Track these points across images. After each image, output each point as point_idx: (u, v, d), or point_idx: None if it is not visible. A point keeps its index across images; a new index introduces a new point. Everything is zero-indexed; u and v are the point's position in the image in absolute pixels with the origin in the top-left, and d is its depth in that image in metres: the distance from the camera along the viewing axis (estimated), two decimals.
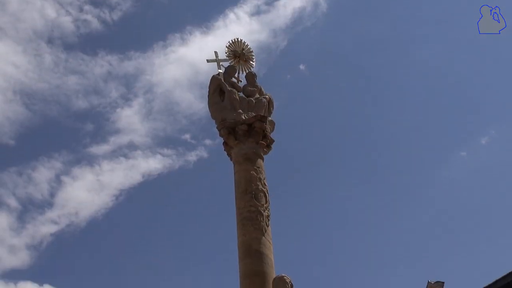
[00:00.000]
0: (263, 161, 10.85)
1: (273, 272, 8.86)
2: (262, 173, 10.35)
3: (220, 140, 11.55)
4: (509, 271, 34.02)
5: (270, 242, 9.23)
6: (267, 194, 10.07)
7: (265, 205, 9.81)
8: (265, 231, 9.36)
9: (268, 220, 9.66)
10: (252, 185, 9.93)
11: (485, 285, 35.87)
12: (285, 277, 8.29)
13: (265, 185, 10.22)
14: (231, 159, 11.10)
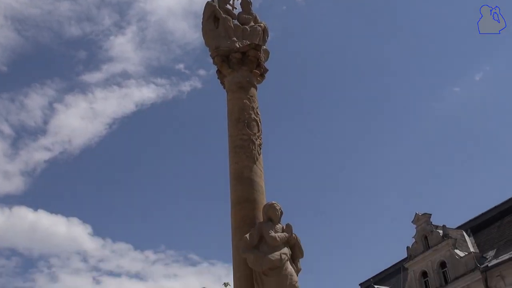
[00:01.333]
0: (256, 90, 10.84)
1: (264, 199, 9.02)
2: (255, 102, 10.36)
3: (214, 70, 11.50)
4: (494, 205, 34.43)
5: (261, 170, 9.34)
6: (259, 123, 10.11)
7: (257, 134, 9.87)
8: (257, 159, 9.45)
9: (260, 148, 9.75)
10: (245, 114, 9.95)
11: (470, 218, 36.44)
12: (275, 204, 8.44)
13: (258, 114, 10.24)
14: (224, 88, 11.08)
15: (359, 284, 44.71)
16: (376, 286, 39.83)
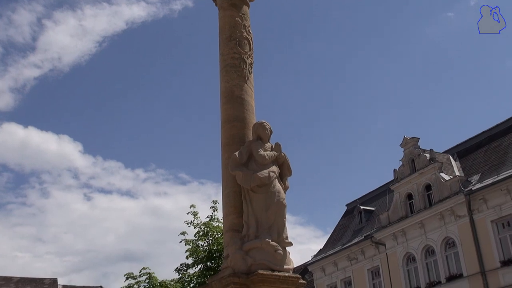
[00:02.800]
0: (248, 8, 10.61)
1: (254, 118, 9.04)
2: (247, 20, 10.16)
3: None
4: (481, 130, 34.61)
5: (252, 89, 9.30)
6: (251, 42, 9.96)
7: (248, 53, 9.75)
8: (248, 78, 9.39)
9: (251, 68, 9.66)
10: (237, 32, 9.79)
11: (457, 143, 36.74)
12: (265, 123, 8.48)
13: (250, 32, 10.08)
14: (216, 5, 10.84)
15: (346, 205, 45.77)
16: (362, 207, 40.80)
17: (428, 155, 33.87)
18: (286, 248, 7.43)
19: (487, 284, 29.30)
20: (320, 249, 43.06)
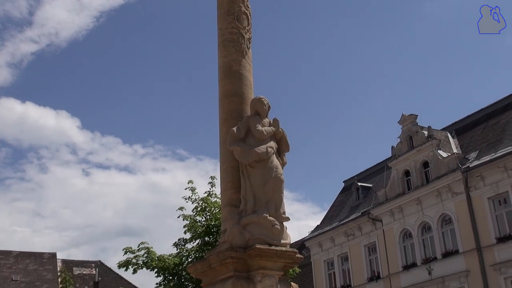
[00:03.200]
0: None
1: (252, 93, 9.01)
2: None
3: None
4: (480, 108, 34.70)
5: (250, 64, 9.25)
6: (249, 17, 9.87)
7: (247, 28, 9.67)
8: (246, 53, 9.33)
9: (250, 42, 9.59)
10: (235, 6, 9.70)
11: (455, 120, 36.88)
12: (263, 99, 8.46)
13: (248, 7, 9.98)
14: None
15: (343, 181, 45.95)
16: (359, 184, 40.98)
17: (426, 132, 33.93)
18: (283, 223, 7.47)
19: (482, 260, 29.57)
20: (317, 225, 43.34)
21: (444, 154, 32.67)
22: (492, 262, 29.17)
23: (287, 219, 7.52)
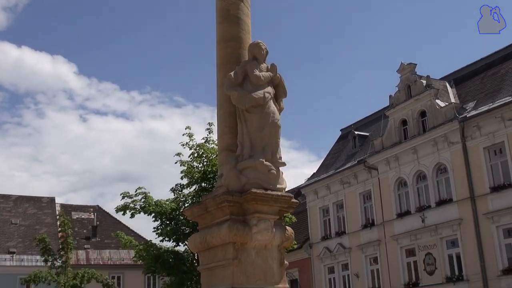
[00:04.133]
0: None
1: (250, 38, 8.90)
2: None
3: None
4: (479, 58, 34.38)
5: (248, 8, 9.08)
6: None
7: None
8: None
9: None
10: None
11: (454, 70, 36.65)
12: (261, 43, 8.36)
13: None
14: None
15: (340, 130, 46.07)
16: (356, 132, 41.09)
17: (424, 82, 33.81)
18: (280, 168, 7.52)
19: (475, 209, 29.99)
20: (314, 173, 43.68)
21: (442, 104, 32.65)
22: (485, 211, 29.58)
23: (283, 164, 7.57)
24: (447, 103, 32.50)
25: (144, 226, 57.65)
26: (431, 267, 31.87)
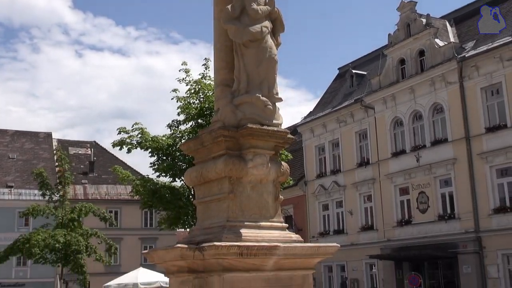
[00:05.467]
0: None
1: None
2: None
3: None
4: None
5: None
6: None
7: None
8: None
9: None
10: None
11: (455, 9, 36.09)
12: None
13: None
14: None
15: (338, 69, 45.81)
16: (354, 71, 40.87)
17: (424, 20, 33.38)
18: (276, 103, 7.50)
19: (470, 149, 30.23)
20: (310, 111, 43.72)
21: (441, 43, 32.35)
22: (480, 151, 29.83)
23: (280, 99, 7.54)
24: (446, 43, 32.19)
25: (141, 162, 58.14)
26: (424, 206, 32.41)
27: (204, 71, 21.73)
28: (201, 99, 20.96)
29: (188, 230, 21.17)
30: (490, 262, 29.02)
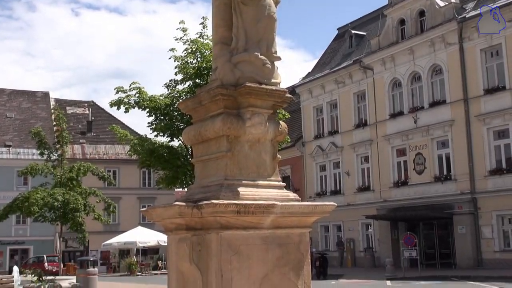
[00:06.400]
0: None
1: None
2: None
3: None
4: None
5: None
6: None
7: None
8: None
9: None
10: None
11: None
12: None
13: None
14: None
15: (337, 29, 45.40)
16: (353, 31, 40.51)
17: None
18: (275, 62, 7.44)
19: (468, 111, 30.24)
20: (309, 72, 43.53)
21: (442, 3, 31.99)
22: (478, 113, 29.84)
23: (279, 58, 7.46)
24: (446, 3, 31.83)
25: (139, 123, 58.12)
26: (421, 167, 32.59)
27: (202, 30, 21.53)
28: (199, 59, 20.82)
29: (186, 189, 21.31)
30: (485, 223, 29.36)
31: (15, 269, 20.08)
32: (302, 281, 5.51)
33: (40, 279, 15.68)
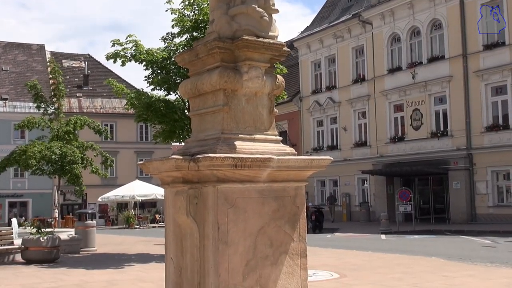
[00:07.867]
0: None
1: None
2: None
3: None
4: None
5: None
6: None
7: None
8: None
9: None
10: None
11: None
12: None
13: None
14: None
15: None
16: None
17: None
18: (272, 15, 7.34)
19: (466, 66, 30.11)
20: (307, 26, 43.05)
21: None
22: (476, 69, 29.70)
23: (276, 11, 7.35)
24: None
25: (136, 77, 57.74)
26: (418, 123, 32.64)
27: None
28: (196, 11, 20.50)
29: (183, 143, 21.29)
30: (480, 178, 29.61)
31: (14, 221, 20.31)
32: (298, 234, 5.57)
33: (39, 230, 15.87)
